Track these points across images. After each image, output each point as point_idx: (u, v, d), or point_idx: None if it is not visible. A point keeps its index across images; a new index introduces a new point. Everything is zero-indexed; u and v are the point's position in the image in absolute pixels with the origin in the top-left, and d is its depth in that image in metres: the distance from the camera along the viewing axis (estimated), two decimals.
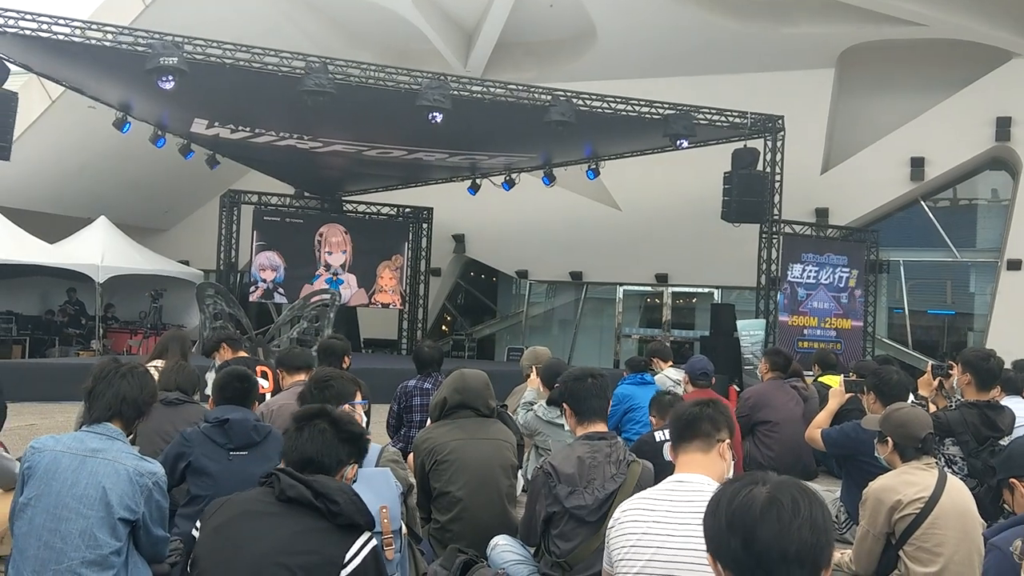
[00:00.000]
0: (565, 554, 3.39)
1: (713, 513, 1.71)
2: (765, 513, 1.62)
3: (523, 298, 21.18)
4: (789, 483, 1.68)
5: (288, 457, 2.69)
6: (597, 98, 13.16)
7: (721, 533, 1.67)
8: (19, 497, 3.17)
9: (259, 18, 15.54)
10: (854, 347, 14.85)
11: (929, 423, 4.10)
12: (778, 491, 1.65)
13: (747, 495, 1.66)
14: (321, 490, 2.47)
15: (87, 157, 17.45)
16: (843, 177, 16.26)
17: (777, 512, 1.62)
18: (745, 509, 1.64)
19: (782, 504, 1.62)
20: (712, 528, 1.70)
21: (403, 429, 6.67)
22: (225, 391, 4.27)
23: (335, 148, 15.68)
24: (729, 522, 1.65)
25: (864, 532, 3.91)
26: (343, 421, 2.80)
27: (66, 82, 13.77)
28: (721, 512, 1.68)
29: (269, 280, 18.33)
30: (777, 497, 1.64)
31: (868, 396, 5.24)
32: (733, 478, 1.80)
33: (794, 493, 1.65)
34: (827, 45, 15.69)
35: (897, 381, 5.12)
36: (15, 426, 8.15)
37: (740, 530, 1.63)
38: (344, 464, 2.71)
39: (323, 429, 2.70)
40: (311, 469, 2.62)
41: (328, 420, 2.74)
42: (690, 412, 3.03)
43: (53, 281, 18.09)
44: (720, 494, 1.73)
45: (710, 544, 1.72)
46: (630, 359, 7.93)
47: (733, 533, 1.64)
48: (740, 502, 1.66)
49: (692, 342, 17.91)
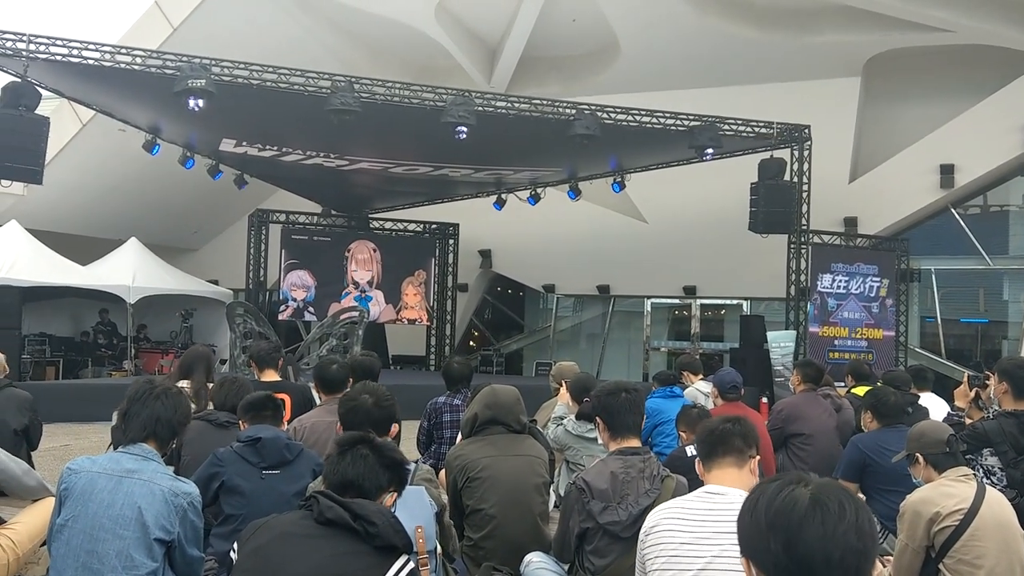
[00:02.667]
0: (600, 570, 3.36)
1: (751, 512, 1.61)
2: (809, 515, 1.54)
3: (550, 312, 21.16)
4: (832, 485, 1.60)
5: (329, 480, 2.69)
6: (622, 111, 13.16)
7: (760, 534, 1.57)
8: (56, 518, 3.19)
9: (285, 38, 15.70)
10: (886, 357, 14.70)
11: (945, 426, 4.16)
12: (822, 493, 1.57)
13: (789, 495, 1.57)
14: (360, 512, 2.47)
15: (117, 179, 17.68)
16: (872, 186, 16.14)
17: (822, 515, 1.53)
18: (788, 510, 1.55)
19: (827, 506, 1.54)
20: (749, 529, 1.61)
21: (433, 446, 6.67)
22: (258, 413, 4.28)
23: (361, 166, 15.78)
24: (770, 523, 1.56)
25: (903, 546, 3.85)
26: (386, 448, 2.80)
27: (96, 106, 13.97)
28: (760, 512, 1.59)
29: (300, 299, 18.45)
30: (821, 499, 1.55)
31: (865, 415, 5.50)
32: (770, 478, 1.69)
33: (839, 495, 1.56)
34: (852, 53, 15.61)
35: (894, 402, 5.41)
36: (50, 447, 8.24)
37: (782, 532, 1.54)
38: (384, 491, 2.71)
39: (365, 454, 2.70)
40: (351, 493, 2.61)
41: (370, 446, 2.74)
42: (722, 428, 3.00)
43: (85, 303, 18.29)
44: (758, 493, 1.63)
45: (745, 545, 1.63)
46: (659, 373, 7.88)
47: (774, 535, 1.55)
48: (782, 502, 1.56)
49: (721, 354, 17.80)
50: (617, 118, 13.14)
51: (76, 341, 18.71)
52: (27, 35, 11.07)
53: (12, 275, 13.95)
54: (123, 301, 16.22)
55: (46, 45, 11.13)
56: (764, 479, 1.72)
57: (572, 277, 19.48)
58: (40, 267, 15.26)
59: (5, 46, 11.02)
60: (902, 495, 3.99)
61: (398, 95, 12.48)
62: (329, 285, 18.67)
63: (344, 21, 16.74)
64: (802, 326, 14.26)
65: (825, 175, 14.71)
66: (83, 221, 18.56)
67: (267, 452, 4.00)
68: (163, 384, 3.49)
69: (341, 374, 5.41)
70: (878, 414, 5.35)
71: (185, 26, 15.38)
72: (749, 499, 1.65)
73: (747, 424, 3.04)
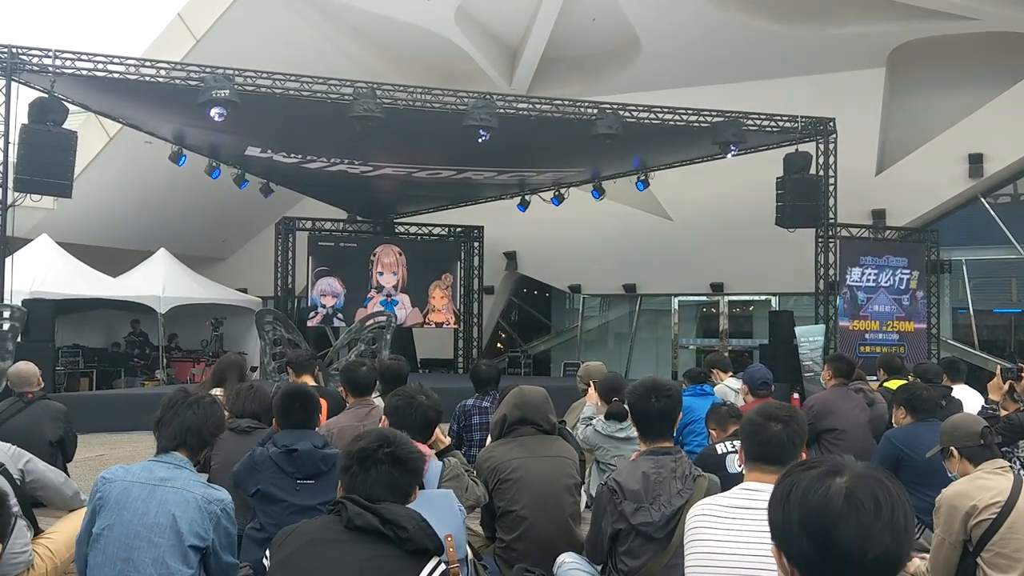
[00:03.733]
0: (633, 571, 3.35)
1: (783, 503, 1.57)
2: (844, 514, 1.49)
3: (577, 313, 21.14)
4: (868, 476, 1.54)
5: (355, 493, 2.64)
6: (644, 109, 13.11)
7: (792, 531, 1.54)
8: (91, 527, 3.23)
9: (306, 46, 15.80)
10: (918, 350, 14.54)
11: (978, 419, 4.13)
12: (857, 487, 1.52)
13: (823, 491, 1.52)
14: (389, 517, 2.47)
15: (145, 191, 17.86)
16: (899, 177, 15.98)
17: (856, 514, 1.49)
18: (821, 509, 1.51)
19: (862, 503, 1.49)
20: (781, 521, 1.57)
21: (463, 448, 6.69)
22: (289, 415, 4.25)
23: (385, 171, 15.84)
24: (802, 520, 1.52)
25: (940, 540, 3.80)
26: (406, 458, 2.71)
27: (123, 119, 14.13)
28: (793, 507, 1.54)
29: (329, 306, 18.56)
30: (856, 495, 1.50)
31: (898, 411, 5.44)
32: (805, 463, 1.63)
33: (875, 490, 1.51)
34: (876, 44, 15.46)
35: (928, 396, 5.37)
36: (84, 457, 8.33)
37: (816, 532, 1.51)
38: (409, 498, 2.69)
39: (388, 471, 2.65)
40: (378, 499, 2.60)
41: (391, 461, 2.67)
42: (774, 436, 2.86)
43: (117, 314, 18.50)
44: (793, 481, 1.58)
45: (776, 535, 1.59)
46: (688, 370, 7.85)
47: (807, 535, 1.52)
48: (816, 501, 1.52)
49: (751, 351, 17.69)
50: (639, 116, 13.09)
51: (108, 352, 18.93)
52: (53, 51, 11.22)
53: (44, 288, 14.13)
54: (154, 311, 16.39)
55: (72, 60, 11.27)
56: (799, 464, 1.65)
57: (598, 277, 19.44)
58: (72, 280, 15.45)
59: (32, 62, 11.18)
60: (938, 489, 3.95)
61: (420, 100, 12.51)
62: (357, 291, 18.76)
63: (365, 28, 16.82)
64: (832, 320, 14.14)
65: (851, 168, 14.58)
66: (112, 233, 18.77)
67: (302, 464, 4.01)
68: (196, 393, 3.51)
69: (370, 377, 5.45)
70: (912, 409, 5.30)
71: (208, 37, 15.52)
72: (782, 485, 1.60)
73: (798, 425, 2.93)
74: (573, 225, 18.06)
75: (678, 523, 3.29)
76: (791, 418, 2.92)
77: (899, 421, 5.40)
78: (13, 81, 11.17)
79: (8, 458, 4.25)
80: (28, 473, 4.30)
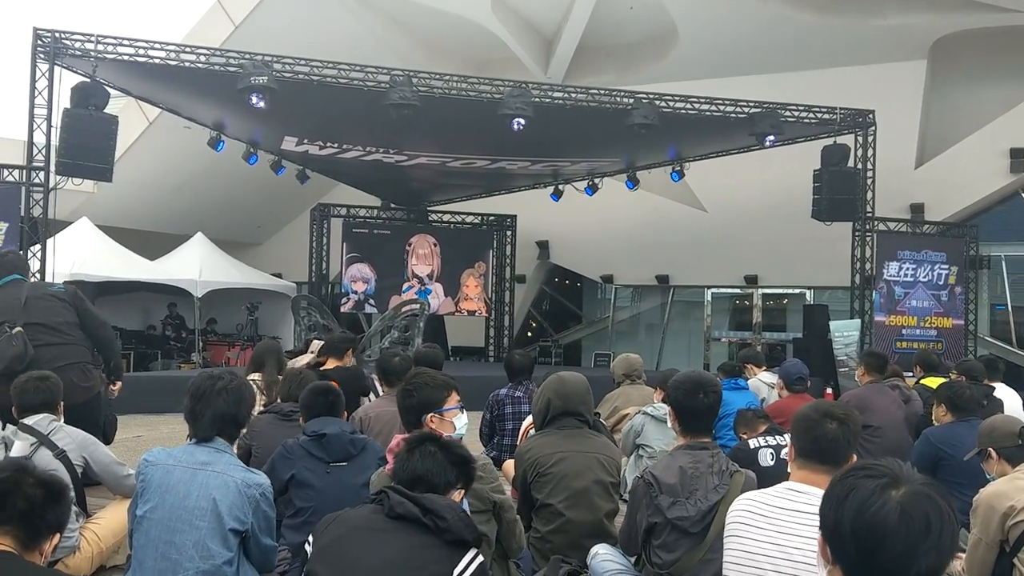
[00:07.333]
0: (668, 565, 3.35)
1: (839, 505, 1.63)
2: (895, 530, 1.56)
3: (609, 303, 21.09)
4: (922, 494, 1.60)
5: (399, 476, 2.74)
6: (680, 99, 13.02)
7: (843, 535, 1.61)
8: (135, 510, 3.30)
9: (344, 34, 15.86)
10: (956, 346, 14.37)
11: (1016, 419, 4.08)
12: (911, 504, 1.58)
13: (880, 505, 1.58)
14: (430, 506, 2.52)
15: (183, 176, 18.05)
16: (939, 171, 15.76)
17: (906, 531, 1.56)
18: (875, 523, 1.57)
19: (913, 522, 1.56)
20: (833, 521, 1.63)
21: (496, 437, 6.73)
22: (313, 410, 4.37)
23: (420, 160, 15.88)
24: (855, 529, 1.59)
25: (976, 540, 3.77)
26: (452, 445, 2.86)
27: (162, 104, 14.27)
28: (847, 514, 1.61)
29: (360, 292, 18.69)
30: (909, 511, 1.57)
31: (939, 408, 5.36)
32: (867, 468, 1.67)
33: (927, 509, 1.57)
34: (917, 36, 15.23)
35: (970, 395, 5.28)
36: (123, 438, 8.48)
37: (866, 542, 1.58)
38: (452, 487, 2.76)
39: (433, 451, 2.76)
40: (420, 488, 2.66)
41: (437, 444, 2.81)
42: (832, 434, 2.78)
43: (154, 297, 18.74)
44: (852, 486, 1.63)
45: (826, 532, 1.66)
46: (723, 364, 7.84)
47: (857, 543, 1.59)
48: (871, 513, 1.58)
49: (784, 344, 17.57)
50: (675, 106, 13.00)
51: (145, 334, 19.20)
52: (95, 36, 11.34)
53: (84, 271, 14.36)
54: (190, 295, 16.59)
55: (113, 45, 11.39)
56: (859, 467, 1.70)
57: (630, 267, 19.38)
58: (111, 262, 15.69)
59: (74, 47, 11.32)
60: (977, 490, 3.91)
61: (455, 88, 12.52)
62: (389, 278, 18.86)
63: (402, 16, 16.84)
64: (867, 315, 14.00)
65: (890, 161, 14.41)
66: (151, 217, 19.00)
67: (332, 448, 4.11)
68: (222, 377, 3.49)
69: (404, 365, 5.52)
70: (954, 407, 5.21)
71: (247, 23, 15.62)
72: (840, 486, 1.66)
73: (854, 424, 2.85)
74: (606, 215, 18.00)
75: (714, 518, 3.29)
76: (847, 416, 2.86)
77: (939, 419, 5.32)
78: (56, 66, 11.31)
79: (75, 445, 4.34)
80: (92, 461, 4.38)
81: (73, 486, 4.17)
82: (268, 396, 5.99)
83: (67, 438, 4.33)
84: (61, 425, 4.41)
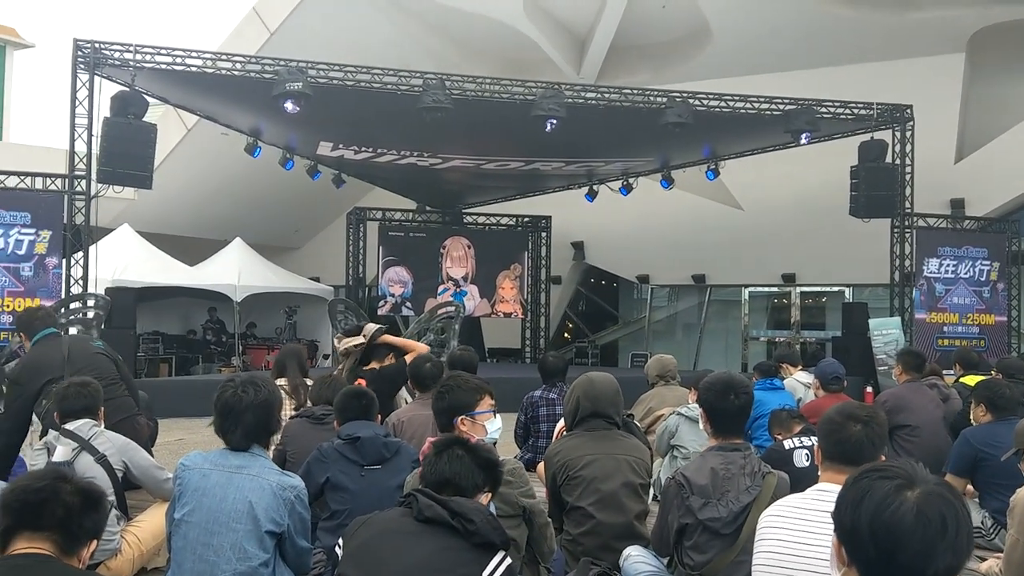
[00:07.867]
0: (699, 566, 3.34)
1: (855, 507, 1.64)
2: (911, 531, 1.57)
3: (645, 303, 21.02)
4: (937, 495, 1.61)
5: (427, 479, 2.77)
6: (714, 97, 12.94)
7: (859, 536, 1.62)
8: (173, 513, 3.36)
9: (378, 38, 15.96)
10: (998, 343, 14.12)
11: None
12: (926, 505, 1.59)
13: (896, 506, 1.59)
14: (458, 510, 2.54)
15: (221, 182, 18.28)
16: (979, 166, 15.49)
17: (923, 531, 1.57)
18: (892, 524, 1.58)
19: (930, 523, 1.57)
20: (850, 523, 1.64)
21: (530, 439, 6.75)
22: (347, 413, 4.42)
23: (454, 164, 15.96)
24: (872, 531, 1.60)
25: (1014, 541, 3.71)
26: (480, 449, 2.88)
27: (200, 111, 14.47)
28: (864, 515, 1.61)
29: (398, 294, 18.80)
30: (925, 512, 1.58)
31: (978, 408, 5.28)
32: (880, 468, 1.69)
33: (942, 508, 1.58)
34: (955, 29, 14.99)
35: (1010, 395, 5.19)
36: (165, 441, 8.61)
37: (883, 543, 1.59)
38: (480, 490, 2.78)
39: (460, 455, 2.78)
40: (448, 491, 2.68)
41: (465, 447, 2.83)
42: (856, 437, 2.80)
43: (194, 301, 18.98)
44: (867, 488, 1.64)
45: (842, 535, 1.67)
46: (759, 364, 7.77)
47: (875, 544, 1.60)
48: (888, 514, 1.59)
49: (823, 343, 17.39)
50: (710, 104, 12.93)
51: (186, 339, 19.46)
52: (134, 46, 11.56)
53: (126, 277, 14.58)
54: (230, 299, 16.79)
55: (151, 54, 11.59)
56: (873, 469, 1.71)
57: (667, 267, 19.29)
58: (152, 268, 15.92)
59: (113, 57, 11.53)
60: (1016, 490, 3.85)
61: (489, 90, 12.56)
62: (425, 280, 18.97)
63: (435, 19, 16.93)
64: (908, 313, 13.81)
65: (929, 156, 14.19)
66: (190, 223, 19.27)
67: (366, 451, 4.16)
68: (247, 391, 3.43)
69: (434, 371, 5.56)
70: (993, 407, 5.13)
71: (282, 30, 15.78)
72: (855, 489, 1.67)
73: (879, 425, 2.87)
74: (641, 215, 17.94)
75: (746, 520, 3.28)
76: (871, 418, 2.87)
77: (978, 419, 5.23)
78: (96, 75, 11.53)
79: (116, 449, 4.41)
80: (132, 465, 4.46)
81: (114, 490, 4.26)
82: (296, 399, 6.05)
83: (107, 443, 4.41)
84: (102, 430, 4.49)
